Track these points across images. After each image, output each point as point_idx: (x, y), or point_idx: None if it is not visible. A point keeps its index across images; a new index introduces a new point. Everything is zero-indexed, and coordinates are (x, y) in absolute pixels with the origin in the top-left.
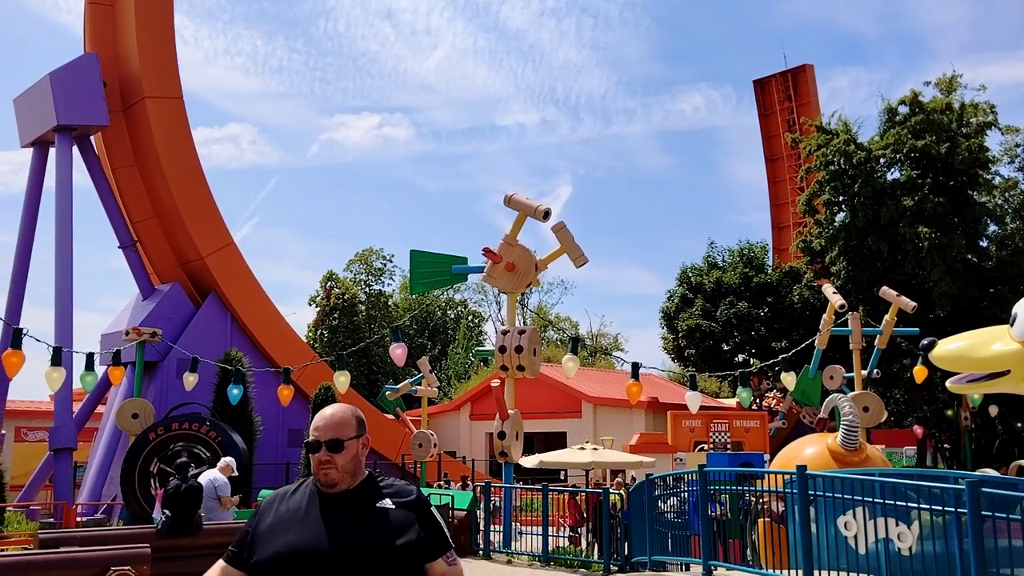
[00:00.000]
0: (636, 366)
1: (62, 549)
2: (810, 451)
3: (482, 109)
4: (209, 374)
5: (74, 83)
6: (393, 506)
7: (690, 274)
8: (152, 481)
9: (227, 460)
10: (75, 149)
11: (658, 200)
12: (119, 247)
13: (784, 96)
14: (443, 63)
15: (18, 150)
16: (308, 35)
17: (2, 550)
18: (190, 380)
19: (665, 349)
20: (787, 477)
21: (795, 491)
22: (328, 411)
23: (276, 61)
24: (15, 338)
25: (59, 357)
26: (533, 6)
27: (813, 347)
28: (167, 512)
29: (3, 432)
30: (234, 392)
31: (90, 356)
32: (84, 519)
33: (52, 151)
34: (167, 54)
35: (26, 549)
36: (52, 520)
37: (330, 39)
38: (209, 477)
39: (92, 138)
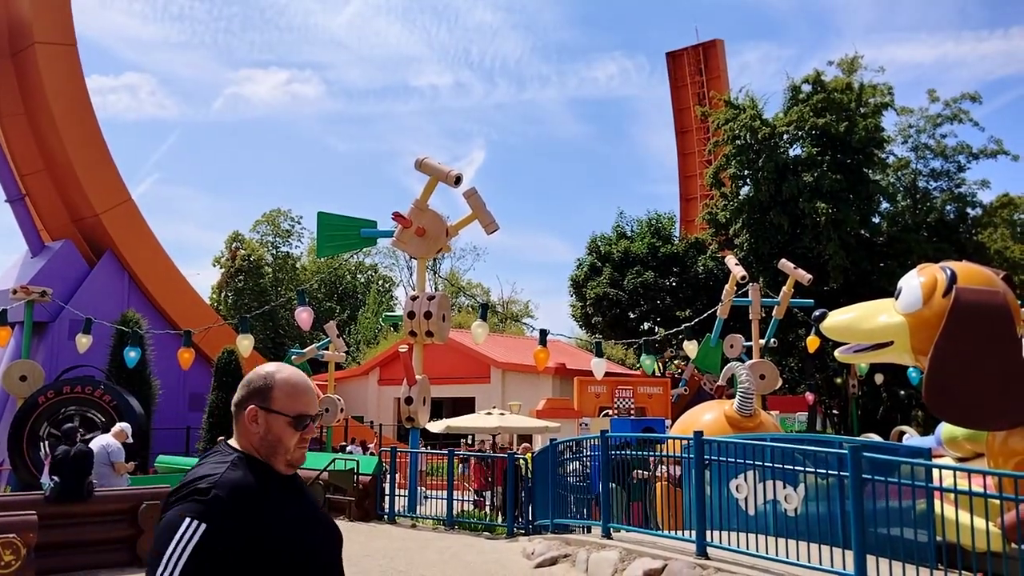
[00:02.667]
0: (544, 332)
1: None
2: (708, 417)
3: (395, 69)
4: (105, 336)
5: None
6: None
7: (599, 243)
8: (42, 445)
9: (121, 426)
10: None
11: (570, 167)
12: (6, 201)
13: (695, 70)
14: (355, 19)
15: None
16: None
17: None
18: (83, 342)
19: (574, 316)
20: (684, 442)
21: (692, 455)
22: (301, 375)
23: (176, 8)
24: None
25: None
26: None
27: (715, 316)
28: (55, 478)
29: None
30: (131, 355)
31: None
32: None
33: None
34: None
35: None
36: None
37: None
38: (101, 443)
39: None
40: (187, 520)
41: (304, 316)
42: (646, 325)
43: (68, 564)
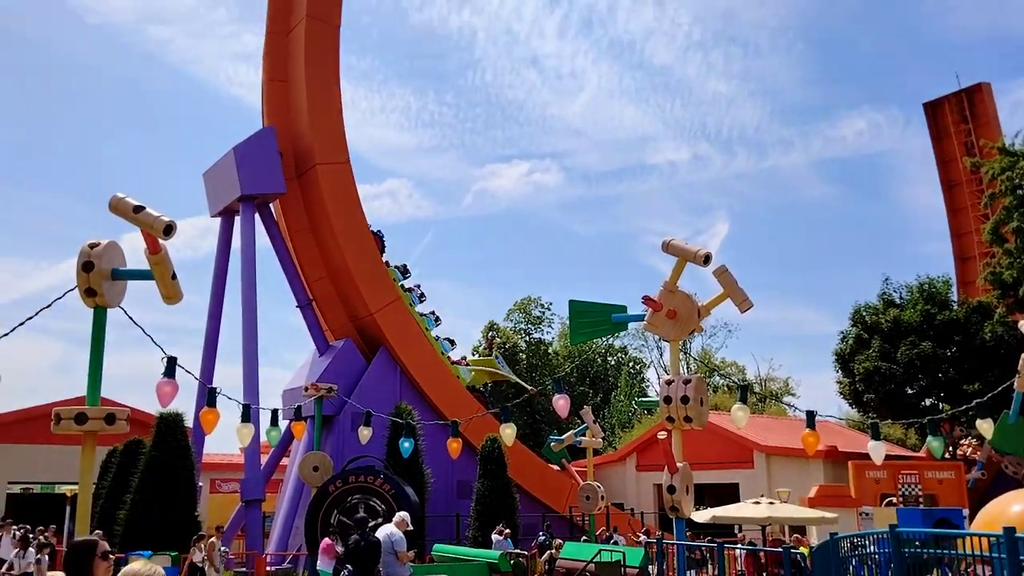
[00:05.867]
0: (811, 414)
1: None
2: (1018, 508)
3: (631, 149)
4: (381, 427)
5: (255, 155)
6: None
7: (864, 313)
8: (331, 532)
9: (402, 515)
10: (256, 216)
11: (821, 233)
12: (297, 306)
13: (959, 118)
14: (589, 105)
15: (199, 216)
16: (457, 88)
17: None
18: (364, 434)
19: (841, 394)
20: (993, 539)
21: (1003, 555)
22: None
23: (428, 115)
24: (210, 397)
25: (248, 413)
26: (678, 41)
27: (1012, 389)
28: (350, 567)
29: (200, 484)
30: (405, 445)
31: (275, 412)
32: (273, 568)
33: (237, 219)
34: (335, 123)
35: None
36: (244, 569)
37: (478, 90)
38: (386, 532)
39: (271, 205)
40: None
41: (561, 403)
42: (927, 401)
43: None
